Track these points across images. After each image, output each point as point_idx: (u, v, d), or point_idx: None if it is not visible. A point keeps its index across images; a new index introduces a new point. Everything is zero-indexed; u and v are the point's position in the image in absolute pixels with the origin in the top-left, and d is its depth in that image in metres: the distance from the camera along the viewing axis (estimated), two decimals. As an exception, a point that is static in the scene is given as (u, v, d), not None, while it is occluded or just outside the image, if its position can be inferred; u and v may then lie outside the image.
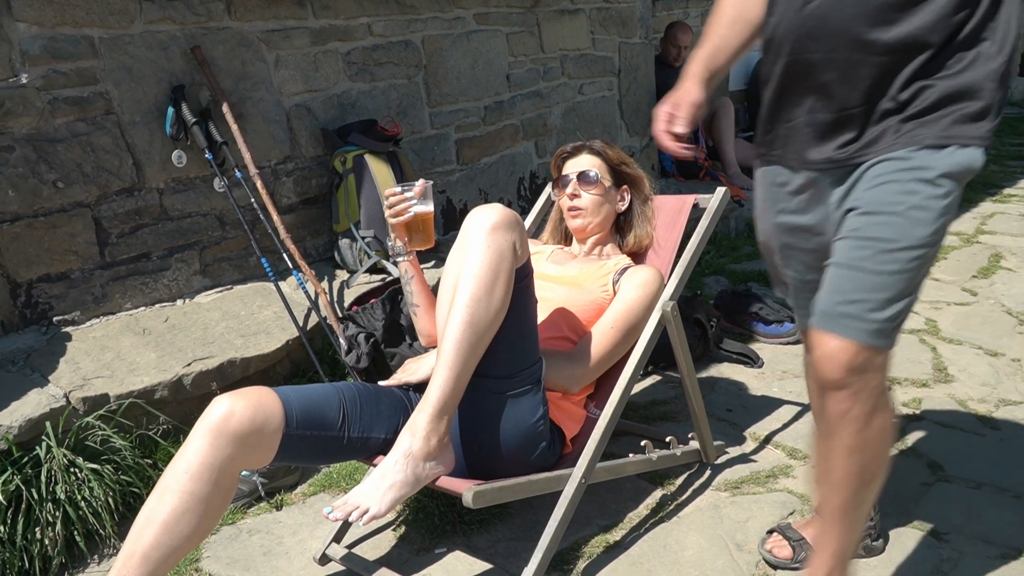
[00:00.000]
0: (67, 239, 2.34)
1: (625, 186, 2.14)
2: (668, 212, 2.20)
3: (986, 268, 3.75)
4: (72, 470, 1.92)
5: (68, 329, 2.35)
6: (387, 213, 1.77)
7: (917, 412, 2.43)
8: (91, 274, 2.41)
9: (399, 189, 1.75)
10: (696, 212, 2.17)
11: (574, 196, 2.07)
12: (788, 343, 2.96)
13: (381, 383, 1.81)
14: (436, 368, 1.51)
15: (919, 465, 2.13)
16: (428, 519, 1.96)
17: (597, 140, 2.14)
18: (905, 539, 1.82)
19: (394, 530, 1.97)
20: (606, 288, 1.95)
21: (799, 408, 2.48)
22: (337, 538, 1.88)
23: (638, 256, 2.17)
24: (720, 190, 2.11)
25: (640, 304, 1.91)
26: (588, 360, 1.84)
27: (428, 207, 1.75)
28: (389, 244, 1.85)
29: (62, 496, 1.87)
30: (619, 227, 2.16)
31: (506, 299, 1.55)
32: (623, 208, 2.14)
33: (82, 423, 2.01)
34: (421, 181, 1.75)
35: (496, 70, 3.64)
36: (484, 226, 1.56)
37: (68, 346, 2.26)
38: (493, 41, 3.61)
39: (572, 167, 2.10)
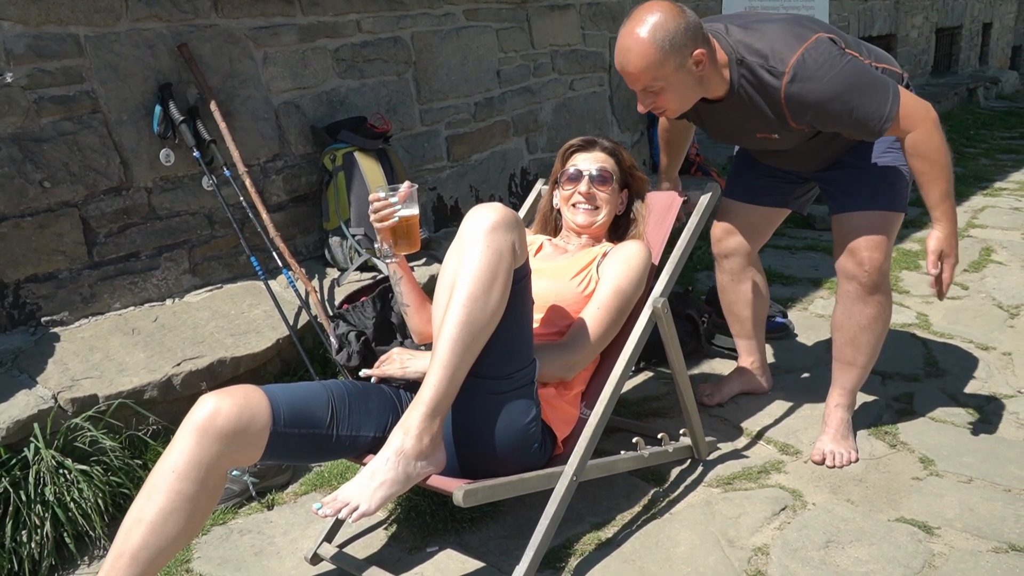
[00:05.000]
0: (54, 239, 2.33)
1: (626, 190, 2.12)
2: (658, 208, 2.20)
3: (977, 262, 3.77)
4: (61, 471, 1.91)
5: (56, 330, 2.33)
6: (372, 218, 1.76)
7: (909, 406, 2.43)
8: (79, 274, 2.39)
9: (383, 194, 1.74)
10: (686, 208, 2.17)
11: (589, 195, 2.02)
12: (778, 338, 2.96)
13: (363, 372, 1.80)
14: (431, 367, 1.50)
15: (911, 459, 2.14)
16: (420, 517, 1.96)
17: (605, 138, 2.11)
18: (897, 533, 1.83)
19: (386, 529, 1.96)
20: (591, 275, 1.93)
21: (791, 404, 2.48)
22: (328, 537, 1.87)
23: None
24: (711, 186, 2.10)
25: (627, 279, 1.88)
26: (580, 345, 1.83)
27: (413, 211, 1.74)
28: (376, 246, 1.84)
29: (51, 498, 1.85)
30: (614, 226, 2.14)
31: (503, 299, 1.54)
32: (622, 211, 2.12)
33: (71, 424, 2.00)
34: (406, 184, 1.74)
35: (486, 66, 3.63)
36: (484, 226, 1.54)
37: (56, 347, 2.24)
38: (483, 37, 3.60)
39: (584, 162, 2.05)
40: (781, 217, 2.43)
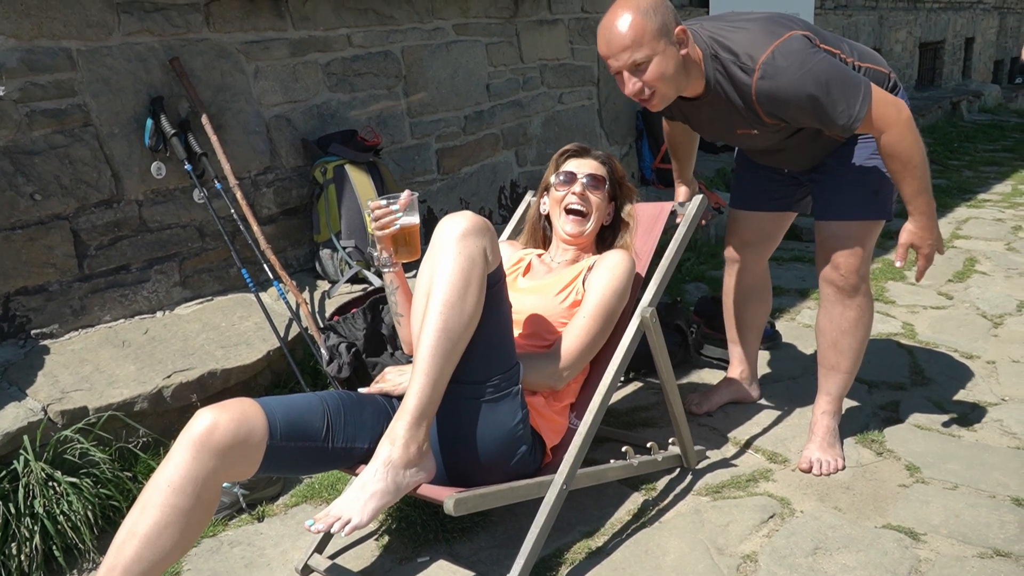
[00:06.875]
0: (45, 252, 2.33)
1: (614, 201, 2.13)
2: (645, 219, 2.22)
3: (961, 272, 3.81)
4: (50, 484, 1.90)
5: (46, 342, 2.33)
6: (373, 226, 1.77)
7: (895, 414, 2.46)
8: (69, 287, 2.39)
9: (384, 202, 1.75)
10: (673, 219, 2.19)
11: (583, 197, 2.04)
12: (767, 348, 2.99)
13: (361, 390, 1.81)
14: (412, 375, 1.51)
15: (897, 467, 2.16)
16: (411, 528, 1.96)
17: (598, 149, 2.14)
18: (883, 540, 1.85)
19: (377, 540, 1.97)
20: (576, 288, 1.95)
21: (779, 412, 2.51)
22: (319, 549, 1.87)
23: None
24: (697, 197, 2.13)
25: (612, 288, 1.90)
26: (569, 353, 1.84)
27: (414, 219, 1.76)
28: (375, 256, 1.85)
29: (40, 510, 1.85)
30: (601, 238, 2.16)
31: (479, 304, 1.56)
32: (608, 222, 2.14)
33: (60, 436, 2.00)
34: (406, 192, 1.75)
35: (476, 80, 3.66)
36: (454, 233, 1.58)
37: (46, 359, 2.24)
38: (473, 51, 3.63)
39: (579, 167, 2.07)
40: (788, 220, 2.47)
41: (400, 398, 1.77)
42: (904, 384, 2.66)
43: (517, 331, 1.88)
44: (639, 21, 1.80)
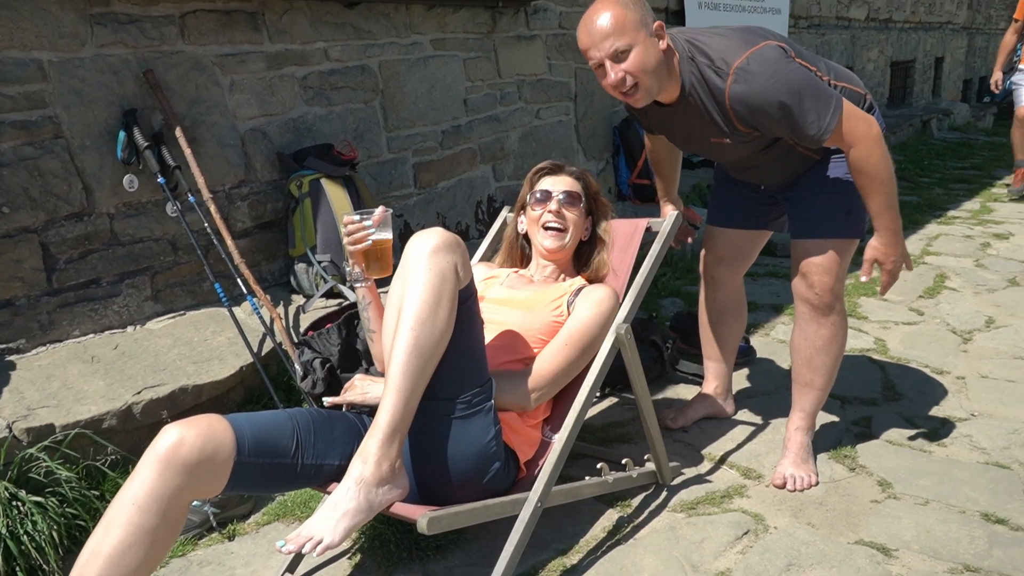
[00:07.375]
0: (12, 265, 2.29)
1: (590, 217, 2.15)
2: (621, 236, 2.23)
3: (932, 288, 3.87)
4: (14, 504, 1.86)
5: (12, 358, 2.28)
6: (345, 241, 1.77)
7: (867, 430, 2.48)
8: (37, 301, 2.35)
9: (357, 217, 1.74)
10: (649, 235, 2.20)
11: (559, 214, 2.05)
12: (741, 364, 3.01)
13: (326, 400, 1.80)
14: (384, 392, 1.50)
15: (869, 482, 2.18)
16: (384, 547, 1.94)
17: (572, 164, 2.16)
18: (856, 556, 1.86)
19: (349, 559, 1.94)
20: (560, 310, 1.96)
21: (753, 428, 2.52)
22: (291, 568, 1.85)
23: (594, 283, 2.18)
24: (672, 213, 2.15)
25: (594, 322, 1.91)
26: (542, 377, 1.85)
27: (387, 235, 1.75)
28: (347, 270, 1.84)
29: (3, 531, 1.80)
30: (578, 254, 2.17)
31: (450, 320, 1.56)
32: (586, 238, 2.15)
33: (25, 455, 1.95)
34: (380, 208, 1.75)
35: (453, 95, 3.67)
36: (425, 249, 1.58)
37: (12, 375, 2.20)
38: (450, 66, 3.64)
39: (553, 184, 2.08)
40: (764, 239, 2.49)
41: (371, 412, 1.77)
42: (876, 400, 2.68)
43: (493, 343, 1.87)
44: (620, 11, 1.85)
